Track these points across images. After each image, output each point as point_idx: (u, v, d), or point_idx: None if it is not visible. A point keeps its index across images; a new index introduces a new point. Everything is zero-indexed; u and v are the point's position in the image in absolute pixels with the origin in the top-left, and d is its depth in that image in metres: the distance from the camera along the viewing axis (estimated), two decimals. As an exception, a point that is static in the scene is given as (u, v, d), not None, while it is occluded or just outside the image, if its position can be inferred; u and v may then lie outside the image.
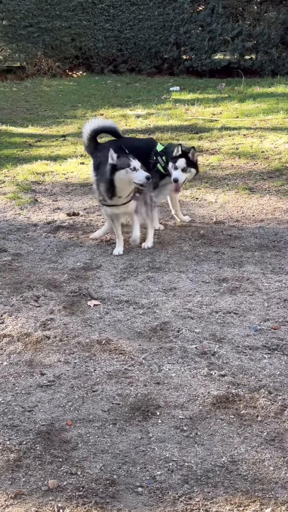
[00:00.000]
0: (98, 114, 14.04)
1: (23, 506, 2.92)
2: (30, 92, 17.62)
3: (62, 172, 9.41)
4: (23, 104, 15.75)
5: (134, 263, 6.03)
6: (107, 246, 6.52)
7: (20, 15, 19.92)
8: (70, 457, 3.28)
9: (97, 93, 17.10)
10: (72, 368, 4.21)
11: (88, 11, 20.21)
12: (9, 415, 3.66)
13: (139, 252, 6.30)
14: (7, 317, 4.91)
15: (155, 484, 3.09)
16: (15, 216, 7.55)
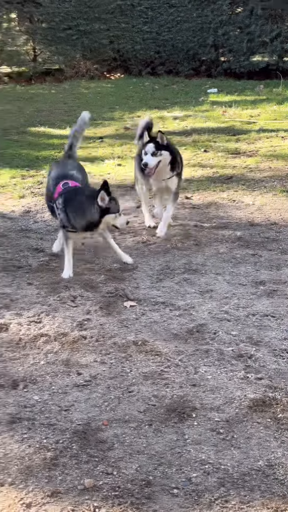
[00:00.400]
0: (136, 116, 14.07)
1: (60, 504, 2.94)
2: (69, 94, 17.73)
3: (99, 173, 9.44)
4: (62, 106, 15.86)
5: (170, 265, 6.02)
6: (144, 248, 6.52)
7: (60, 17, 20.06)
8: (106, 457, 3.29)
9: (134, 95, 17.14)
10: (108, 368, 4.23)
11: (126, 13, 20.26)
12: (46, 414, 3.68)
13: (175, 254, 6.29)
14: (45, 317, 4.95)
15: (191, 486, 3.08)
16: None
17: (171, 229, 6.93)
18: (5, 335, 4.68)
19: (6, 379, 4.06)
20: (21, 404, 3.78)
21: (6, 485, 3.06)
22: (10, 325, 4.79)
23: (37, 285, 5.57)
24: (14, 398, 3.86)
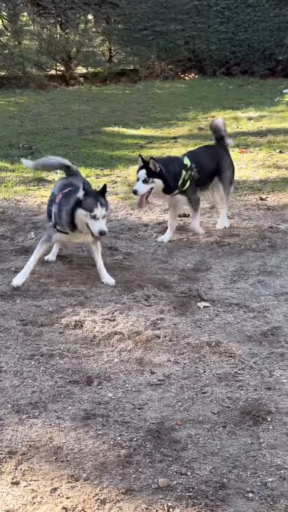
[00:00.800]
0: (210, 117, 14.00)
1: (134, 502, 2.94)
2: (143, 95, 17.82)
3: (173, 173, 9.43)
4: (136, 106, 15.95)
5: (244, 266, 5.96)
6: (218, 248, 6.47)
7: (136, 18, 20.20)
8: (180, 457, 3.27)
9: (208, 96, 17.07)
10: (181, 368, 4.21)
11: (203, 13, 20.22)
12: (119, 411, 3.70)
13: (250, 255, 6.22)
14: (118, 315, 4.97)
15: (266, 490, 3.03)
16: (127, 216, 7.65)
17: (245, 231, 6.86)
18: (80, 332, 4.73)
19: (81, 375, 4.10)
20: (95, 401, 3.81)
21: (81, 480, 3.08)
22: (84, 322, 4.84)
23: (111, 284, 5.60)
24: (89, 394, 3.89)
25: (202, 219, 7.40)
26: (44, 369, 4.18)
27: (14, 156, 10.44)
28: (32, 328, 4.77)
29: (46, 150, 10.94)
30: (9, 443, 3.37)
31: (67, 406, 3.75)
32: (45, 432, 3.48)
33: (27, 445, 3.36)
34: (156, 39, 20.38)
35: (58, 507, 2.90)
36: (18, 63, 20.00)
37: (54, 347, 4.47)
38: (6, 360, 4.28)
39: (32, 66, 20.57)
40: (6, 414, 3.64)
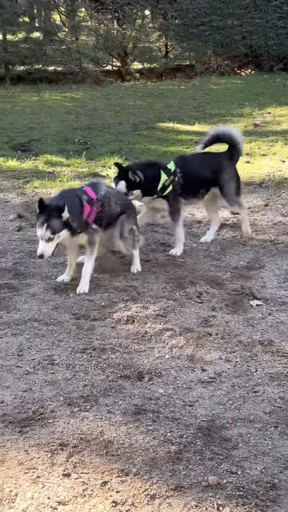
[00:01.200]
0: (265, 113, 13.88)
1: (183, 499, 2.94)
2: (198, 90, 17.75)
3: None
4: (191, 102, 15.90)
5: (298, 265, 5.88)
6: (271, 246, 6.41)
7: (193, 14, 20.13)
8: (230, 455, 3.26)
9: (265, 92, 16.89)
10: (233, 366, 4.19)
11: (261, 8, 20.02)
12: (170, 408, 3.70)
13: (305, 254, 6.14)
14: (170, 311, 4.98)
15: None
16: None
17: (301, 229, 6.78)
18: (132, 327, 4.75)
19: (132, 370, 4.12)
20: (146, 396, 3.82)
21: (131, 475, 3.10)
22: (136, 317, 4.86)
23: (163, 280, 5.61)
24: (140, 389, 3.91)
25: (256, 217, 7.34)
26: (96, 363, 4.21)
27: (69, 151, 10.54)
28: (85, 322, 4.82)
29: (101, 146, 11.02)
30: (61, 435, 3.41)
31: (118, 401, 3.77)
32: (96, 425, 3.51)
33: (79, 438, 3.39)
34: (213, 34, 20.27)
35: (108, 501, 2.92)
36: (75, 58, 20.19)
37: (106, 342, 4.50)
38: (58, 353, 4.33)
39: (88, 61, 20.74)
40: (58, 406, 3.69)
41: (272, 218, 7.24)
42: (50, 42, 20.41)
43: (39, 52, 20.07)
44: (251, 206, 7.70)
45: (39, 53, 20.06)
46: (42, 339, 4.53)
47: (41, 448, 3.31)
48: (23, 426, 3.51)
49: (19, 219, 7.27)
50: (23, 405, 3.69)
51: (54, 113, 14.36)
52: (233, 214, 7.41)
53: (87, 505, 2.90)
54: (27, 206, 7.73)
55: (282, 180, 8.59)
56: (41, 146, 11.05)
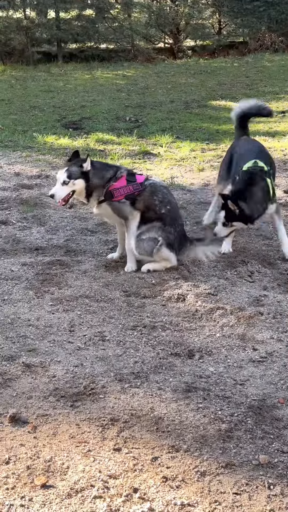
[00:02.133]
0: None
1: (234, 476, 2.94)
2: (251, 68, 17.49)
3: (280, 148, 9.25)
4: (243, 80, 15.69)
5: None
6: None
7: (248, -11, 19.82)
8: (281, 435, 3.23)
9: None
10: (285, 346, 4.14)
11: None
12: (221, 386, 3.69)
13: None
14: (221, 290, 4.95)
15: None
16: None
17: None
18: (182, 305, 4.74)
19: (182, 348, 4.12)
20: (196, 374, 3.81)
21: (181, 451, 3.11)
22: (187, 296, 4.84)
23: (214, 258, 5.57)
24: (190, 367, 3.90)
25: None
26: (146, 340, 4.22)
27: (120, 129, 10.53)
28: (135, 300, 4.83)
29: (152, 123, 10.98)
30: (112, 411, 3.44)
31: (169, 378, 3.78)
32: (146, 402, 3.52)
33: (129, 413, 3.41)
34: (268, 10, 19.89)
35: (159, 476, 2.94)
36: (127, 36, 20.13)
37: (156, 319, 4.50)
38: (109, 329, 4.36)
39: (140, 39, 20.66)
40: (109, 382, 3.71)
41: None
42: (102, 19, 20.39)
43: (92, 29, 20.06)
44: (304, 185, 7.57)
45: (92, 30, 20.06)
46: (93, 315, 4.56)
47: (92, 422, 3.35)
48: (74, 400, 3.55)
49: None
50: (74, 380, 3.73)
51: (106, 91, 14.37)
52: (286, 193, 7.30)
53: (137, 479, 2.93)
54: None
55: None
56: (93, 124, 11.07)
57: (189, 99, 13.26)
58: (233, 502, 2.79)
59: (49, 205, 6.89)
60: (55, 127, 10.84)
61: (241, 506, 2.77)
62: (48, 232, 6.24)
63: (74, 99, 13.35)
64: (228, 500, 2.80)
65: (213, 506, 2.76)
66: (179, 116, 11.61)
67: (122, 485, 2.89)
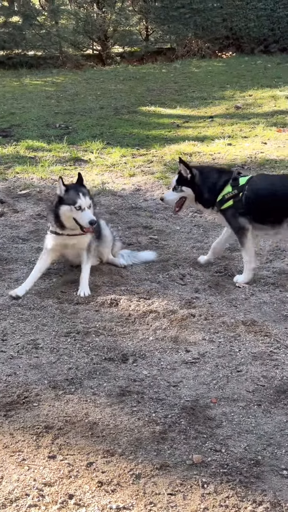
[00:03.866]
0: (247, 95, 13.87)
1: (168, 477, 2.97)
2: (179, 74, 17.69)
3: (209, 152, 9.38)
4: (172, 86, 15.85)
5: (281, 246, 5.91)
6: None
7: (174, -4, 20.04)
8: (214, 434, 3.29)
9: (246, 74, 16.87)
10: (216, 347, 4.21)
11: (240, -10, 19.96)
12: (155, 389, 3.72)
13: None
14: (154, 294, 4.99)
15: (301, 468, 3.03)
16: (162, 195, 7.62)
17: None
18: (115, 310, 4.76)
19: (116, 353, 4.13)
20: (130, 378, 3.83)
21: (116, 455, 3.12)
22: (120, 300, 4.86)
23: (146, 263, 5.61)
24: (124, 371, 3.92)
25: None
26: (80, 346, 4.22)
27: (50, 136, 10.48)
28: (68, 306, 4.82)
29: (82, 130, 10.97)
30: (46, 418, 3.42)
31: (103, 383, 3.78)
32: (81, 408, 3.52)
33: (64, 420, 3.40)
34: (193, 17, 20.17)
35: (94, 481, 2.94)
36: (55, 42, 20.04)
37: (90, 325, 4.50)
38: (42, 337, 4.33)
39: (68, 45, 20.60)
40: (43, 389, 3.69)
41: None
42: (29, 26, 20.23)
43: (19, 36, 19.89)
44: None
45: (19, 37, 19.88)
46: (26, 323, 4.53)
47: (26, 431, 3.32)
48: (8, 410, 3.51)
49: (1, 204, 7.22)
50: (7, 389, 3.69)
51: (35, 98, 14.27)
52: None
53: (72, 486, 2.92)
54: (9, 192, 7.69)
55: (264, 162, 8.60)
56: (22, 131, 10.98)
57: (118, 105, 13.31)
58: (168, 502, 2.82)
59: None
60: (-16, 135, 10.69)
61: (176, 506, 2.80)
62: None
63: (3, 106, 13.21)
64: (163, 501, 2.83)
65: (148, 508, 2.79)
66: (109, 122, 11.64)
67: (58, 492, 2.88)
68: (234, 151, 9.30)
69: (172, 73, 17.93)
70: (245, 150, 9.33)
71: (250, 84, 15.07)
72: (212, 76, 16.86)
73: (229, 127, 11.01)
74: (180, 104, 13.23)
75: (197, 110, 12.71)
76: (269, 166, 8.45)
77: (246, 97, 13.77)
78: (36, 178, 8.21)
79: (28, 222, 6.65)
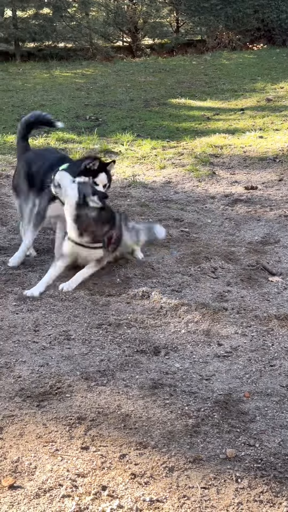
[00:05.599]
0: (278, 88, 13.75)
1: (202, 471, 2.95)
2: (210, 66, 17.59)
3: (240, 145, 9.32)
4: (202, 78, 15.77)
5: (314, 240, 5.85)
6: (286, 221, 6.37)
7: (204, -13, 19.90)
8: (248, 428, 3.26)
9: (277, 66, 16.72)
10: (249, 341, 4.18)
11: (273, -19, 19.75)
12: (187, 382, 3.70)
13: None
14: (185, 287, 4.97)
15: None
16: (193, 188, 7.60)
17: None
18: (147, 302, 4.75)
19: (148, 345, 4.12)
20: (163, 371, 3.82)
21: (149, 448, 3.11)
22: (151, 293, 4.85)
23: (178, 255, 5.59)
24: (156, 364, 3.91)
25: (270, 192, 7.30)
26: (111, 338, 4.22)
27: (81, 128, 10.50)
28: (100, 298, 4.82)
29: (112, 122, 10.97)
30: (79, 409, 3.42)
31: (135, 375, 3.78)
32: (113, 399, 3.52)
33: (96, 411, 3.41)
34: (225, 8, 20.01)
35: (127, 473, 2.94)
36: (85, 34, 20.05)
37: (121, 317, 4.50)
38: (74, 328, 4.34)
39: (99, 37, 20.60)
40: (76, 381, 3.70)
41: (286, 193, 7.18)
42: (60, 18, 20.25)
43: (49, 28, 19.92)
44: (265, 181, 7.65)
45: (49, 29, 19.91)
46: (57, 314, 4.54)
47: (59, 422, 3.33)
48: (41, 400, 3.52)
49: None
50: (40, 380, 3.71)
51: (65, 90, 14.29)
52: (247, 189, 7.37)
53: (105, 477, 2.92)
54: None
55: (296, 155, 8.53)
56: (53, 123, 10.99)
57: (148, 97, 13.28)
58: (202, 496, 2.80)
59: (10, 205, 6.83)
60: (15, 127, 10.71)
61: (210, 500, 2.78)
62: (10, 232, 6.18)
63: (33, 98, 13.25)
64: (196, 495, 2.81)
65: (182, 501, 2.77)
66: (139, 114, 11.62)
67: (91, 483, 2.88)
68: (266, 144, 9.22)
69: (202, 65, 17.84)
70: (277, 143, 9.25)
71: (282, 77, 14.93)
72: (242, 68, 16.74)
73: (260, 119, 10.92)
74: (210, 97, 13.16)
75: (227, 103, 12.63)
76: (302, 159, 8.37)
77: (278, 89, 13.65)
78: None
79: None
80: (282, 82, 14.16)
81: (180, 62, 18.61)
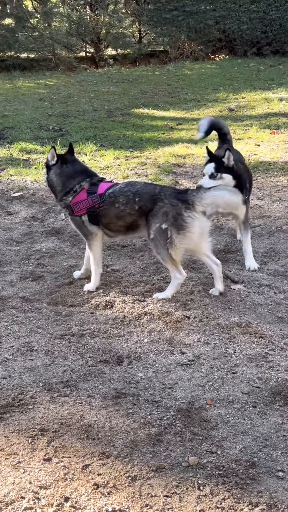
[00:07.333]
0: (240, 98, 13.90)
1: (164, 479, 2.96)
2: (172, 76, 17.71)
3: (202, 155, 9.36)
4: (165, 88, 15.86)
5: (275, 248, 5.92)
6: (248, 230, 6.42)
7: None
8: (210, 436, 3.29)
9: (239, 76, 16.90)
10: (211, 349, 4.21)
11: (233, -8, 19.99)
12: (150, 391, 3.72)
13: (281, 236, 6.17)
14: (149, 296, 4.98)
15: (297, 470, 3.03)
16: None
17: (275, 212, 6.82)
18: (110, 312, 4.75)
19: (111, 355, 4.13)
20: (126, 380, 3.83)
21: (112, 458, 3.12)
22: (115, 302, 4.86)
23: (140, 265, 5.61)
24: (119, 374, 3.92)
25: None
26: (75, 349, 4.21)
27: (44, 138, 10.47)
28: (63, 308, 4.81)
29: (76, 132, 10.96)
30: (41, 421, 3.41)
31: (98, 385, 3.78)
32: (76, 410, 3.51)
33: (59, 423, 3.40)
34: (186, 19, 20.18)
35: (90, 483, 2.94)
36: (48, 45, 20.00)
37: (84, 327, 4.50)
38: (37, 339, 4.33)
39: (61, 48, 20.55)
40: (38, 392, 3.69)
41: (248, 202, 7.25)
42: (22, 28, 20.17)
43: (11, 38, 19.83)
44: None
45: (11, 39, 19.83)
46: (20, 326, 4.52)
47: (22, 434, 3.31)
48: (3, 412, 3.50)
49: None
50: (2, 392, 3.69)
51: (28, 100, 14.25)
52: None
53: (68, 488, 2.91)
54: (3, 194, 7.67)
55: (258, 164, 8.62)
56: (16, 133, 10.96)
57: (112, 107, 13.31)
58: (164, 504, 2.82)
59: (-28, 216, 6.78)
60: (-23, 137, 10.68)
61: (172, 508, 2.80)
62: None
63: (-4, 109, 13.20)
64: (159, 503, 2.82)
65: (145, 510, 2.78)
66: (102, 124, 11.64)
67: (53, 495, 2.87)
68: (228, 153, 9.30)
69: (165, 75, 17.95)
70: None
71: (243, 87, 15.09)
72: (205, 79, 16.88)
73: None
74: (173, 107, 13.24)
75: (190, 112, 12.72)
76: (263, 168, 8.47)
77: (239, 99, 13.79)
78: (30, 180, 8.20)
79: (22, 225, 6.64)
80: (244, 92, 14.32)
81: (143, 73, 18.70)
